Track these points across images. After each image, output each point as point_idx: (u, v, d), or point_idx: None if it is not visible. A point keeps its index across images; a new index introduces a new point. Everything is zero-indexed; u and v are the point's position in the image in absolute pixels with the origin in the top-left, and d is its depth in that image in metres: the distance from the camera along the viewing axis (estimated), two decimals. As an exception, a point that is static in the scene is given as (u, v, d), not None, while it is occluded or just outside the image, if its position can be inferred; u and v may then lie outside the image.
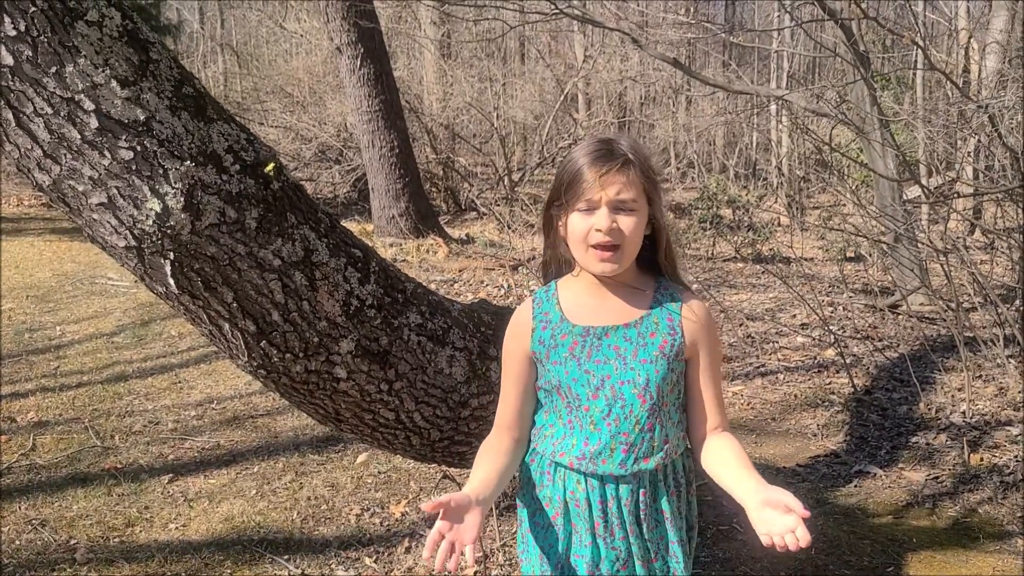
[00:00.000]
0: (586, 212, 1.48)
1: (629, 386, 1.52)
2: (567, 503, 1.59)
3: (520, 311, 1.64)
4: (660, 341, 1.53)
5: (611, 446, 1.53)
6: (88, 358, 5.31)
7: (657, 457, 1.55)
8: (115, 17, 1.70)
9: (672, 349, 1.53)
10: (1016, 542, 2.98)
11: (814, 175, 11.23)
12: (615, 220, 1.47)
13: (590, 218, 1.48)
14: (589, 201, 1.47)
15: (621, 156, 1.49)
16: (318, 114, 12.88)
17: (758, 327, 5.84)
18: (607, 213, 1.47)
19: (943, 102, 7.64)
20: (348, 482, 3.60)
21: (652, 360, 1.52)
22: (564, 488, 1.59)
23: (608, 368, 1.53)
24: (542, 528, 1.63)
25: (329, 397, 2.13)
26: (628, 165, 1.48)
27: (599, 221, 1.46)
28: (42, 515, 3.30)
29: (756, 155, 14.53)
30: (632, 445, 1.53)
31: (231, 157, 1.83)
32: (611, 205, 1.47)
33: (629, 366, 1.52)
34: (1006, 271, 5.58)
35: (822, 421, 4.20)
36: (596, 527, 1.57)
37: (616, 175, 1.47)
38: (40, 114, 1.66)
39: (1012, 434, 3.73)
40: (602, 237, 1.47)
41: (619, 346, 1.53)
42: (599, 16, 7.23)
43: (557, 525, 1.61)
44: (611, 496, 1.56)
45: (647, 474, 1.56)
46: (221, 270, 1.84)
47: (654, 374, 1.51)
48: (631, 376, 1.52)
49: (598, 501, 1.56)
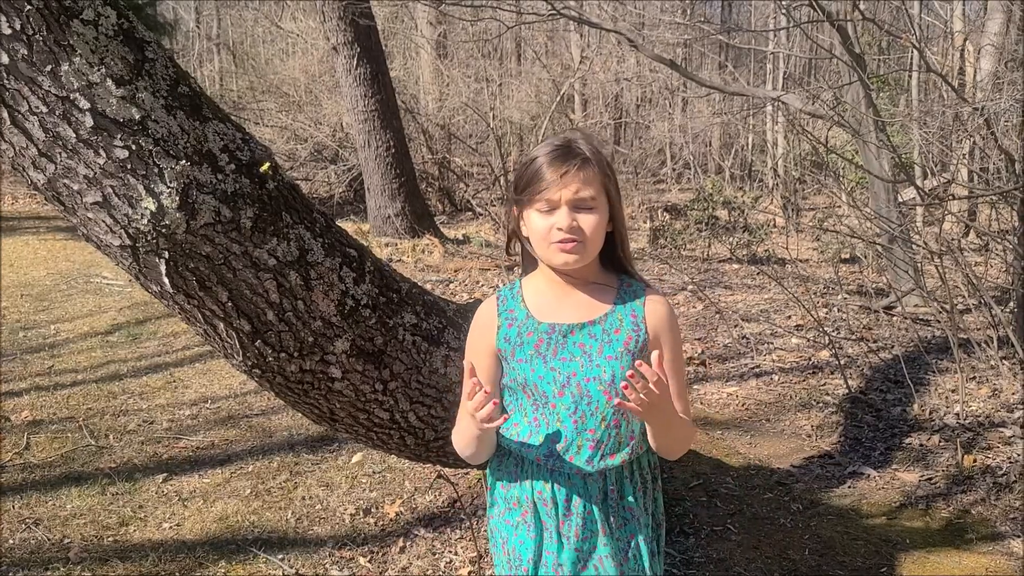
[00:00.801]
0: (547, 212, 1.50)
1: (595, 383, 1.53)
2: (535, 503, 1.60)
3: (484, 308, 1.65)
4: (625, 337, 1.54)
5: (577, 443, 1.55)
6: (83, 357, 5.30)
7: (623, 453, 1.57)
8: (111, 16, 1.70)
9: (636, 344, 1.54)
10: (1009, 543, 2.99)
11: (810, 177, 11.25)
12: (575, 218, 1.49)
13: (550, 217, 1.50)
14: (549, 201, 1.49)
15: (579, 155, 1.50)
16: (314, 114, 12.87)
17: (753, 328, 5.85)
18: (567, 212, 1.49)
19: (939, 104, 7.66)
20: (343, 482, 3.60)
21: (617, 356, 1.53)
22: (532, 488, 1.60)
23: (574, 365, 1.54)
24: (512, 527, 1.64)
25: (324, 397, 2.13)
26: (586, 163, 1.50)
27: (560, 220, 1.49)
28: (36, 514, 3.29)
29: (752, 156, 14.55)
30: (599, 442, 1.55)
31: (226, 156, 1.83)
32: (571, 204, 1.49)
33: (595, 363, 1.54)
34: (1000, 273, 5.60)
35: (816, 422, 4.21)
36: (560, 526, 1.58)
37: (575, 174, 1.49)
38: (35, 112, 1.66)
39: (1005, 435, 3.74)
40: (563, 235, 1.49)
41: (584, 343, 1.55)
42: (596, 17, 7.24)
43: (527, 523, 1.62)
44: (577, 495, 1.57)
45: (613, 471, 1.57)
46: (216, 269, 1.84)
47: (620, 370, 1.52)
48: (597, 373, 1.53)
49: (564, 499, 1.57)
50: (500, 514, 1.67)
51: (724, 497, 3.39)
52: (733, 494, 3.43)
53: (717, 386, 4.84)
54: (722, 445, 4.00)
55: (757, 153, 14.51)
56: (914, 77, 9.32)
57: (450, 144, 12.80)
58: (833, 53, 6.16)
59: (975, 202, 6.42)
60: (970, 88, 7.68)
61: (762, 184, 13.19)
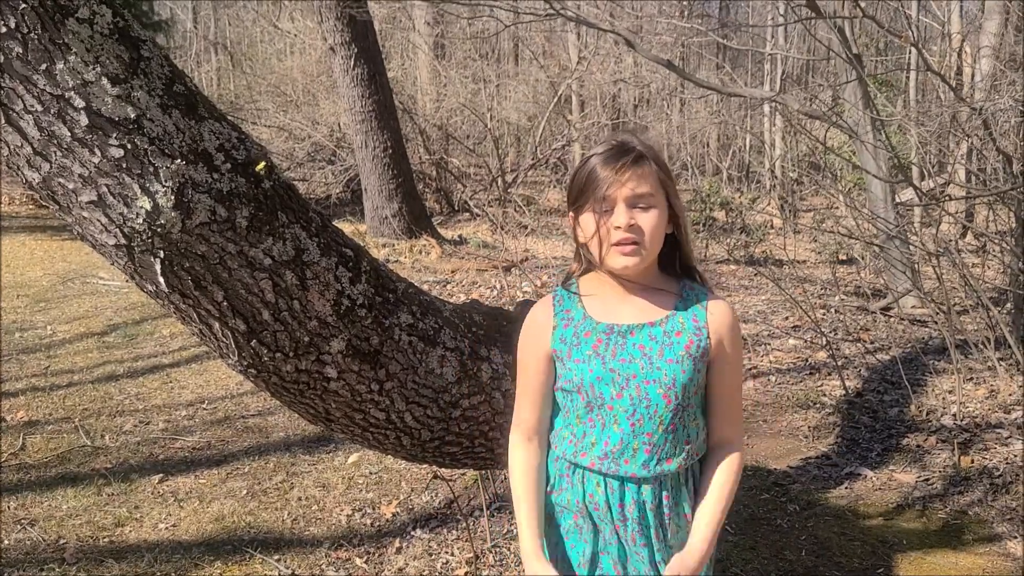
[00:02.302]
0: (603, 212, 1.45)
1: (655, 386, 1.48)
2: (587, 506, 1.56)
3: (538, 310, 1.61)
4: (686, 341, 1.50)
5: (634, 446, 1.50)
6: (79, 357, 5.29)
7: (679, 458, 1.52)
8: (106, 14, 1.69)
9: (698, 349, 1.50)
10: (1006, 544, 2.99)
11: (807, 177, 11.26)
12: (633, 217, 1.44)
13: (607, 217, 1.45)
14: (605, 199, 1.44)
15: (634, 151, 1.46)
16: (311, 114, 12.86)
17: (750, 329, 5.85)
18: (625, 210, 1.44)
19: (936, 105, 7.67)
20: (339, 482, 3.59)
21: (678, 360, 1.49)
22: (583, 491, 1.56)
23: (634, 367, 1.49)
24: (564, 531, 1.61)
25: (319, 397, 2.12)
26: (642, 159, 1.46)
27: (617, 218, 1.44)
28: (31, 514, 3.28)
29: (749, 157, 14.55)
30: (655, 446, 1.50)
31: (222, 155, 1.82)
32: (628, 201, 1.44)
33: (655, 365, 1.49)
34: (997, 274, 5.61)
35: (813, 423, 4.21)
36: (618, 529, 1.54)
37: (630, 170, 1.44)
38: (30, 111, 1.65)
39: (1002, 436, 3.74)
40: (622, 234, 1.44)
41: (644, 345, 1.50)
42: (593, 17, 7.24)
43: (579, 527, 1.58)
44: (631, 500, 1.52)
45: (669, 476, 1.53)
46: (211, 269, 1.83)
47: (680, 374, 1.48)
48: (658, 376, 1.48)
49: (618, 504, 1.53)
50: (551, 519, 1.62)
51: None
52: (730, 495, 3.42)
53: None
54: (719, 446, 3.99)
55: (755, 154, 14.52)
56: (911, 77, 9.34)
57: (447, 145, 12.79)
58: (831, 50, 6.16)
59: (973, 203, 6.43)
60: (968, 89, 7.68)
61: (759, 185, 13.20)
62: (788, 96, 7.21)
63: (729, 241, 8.93)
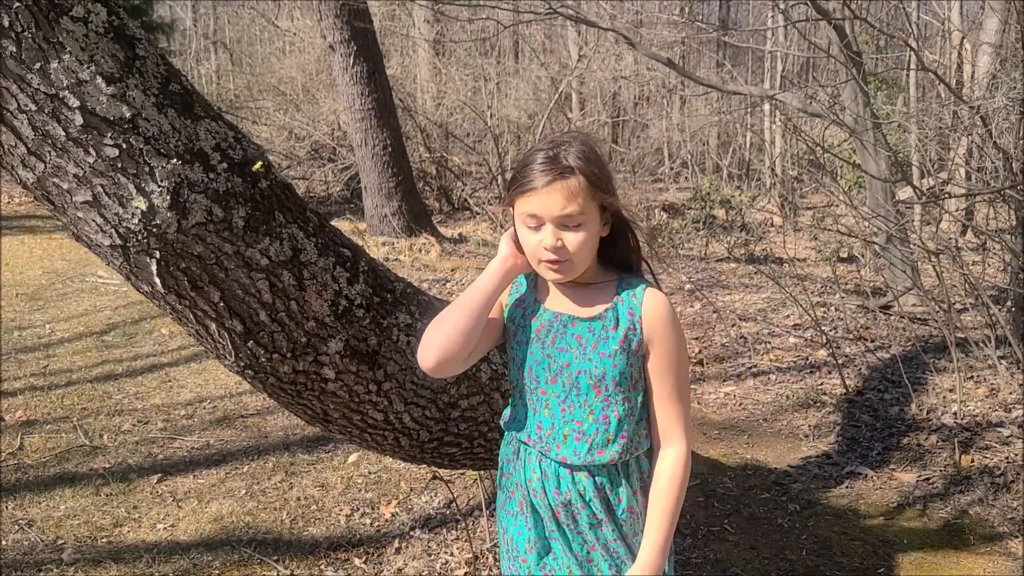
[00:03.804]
0: (534, 228, 1.50)
1: (585, 376, 1.54)
2: (527, 490, 1.61)
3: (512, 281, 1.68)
4: (620, 336, 1.54)
5: (564, 432, 1.55)
6: (78, 357, 5.28)
7: (612, 451, 1.54)
8: (101, 13, 1.68)
9: (630, 344, 1.54)
10: (1007, 543, 2.98)
11: (807, 176, 11.25)
12: (560, 238, 1.48)
13: (537, 234, 1.50)
14: (535, 217, 1.49)
15: (564, 168, 1.47)
16: (311, 112, 12.84)
17: (750, 327, 5.84)
18: (552, 231, 1.48)
19: (936, 103, 7.66)
20: (338, 482, 3.58)
21: (611, 355, 1.53)
22: (524, 475, 1.62)
23: (568, 356, 1.55)
24: (512, 516, 1.66)
25: (317, 398, 2.11)
26: (570, 177, 1.47)
27: (545, 239, 1.49)
28: (29, 515, 3.27)
29: (749, 155, 14.53)
30: (585, 434, 1.54)
31: (218, 155, 1.81)
32: (556, 222, 1.48)
33: (587, 357, 1.54)
34: (998, 272, 5.59)
35: (814, 422, 4.20)
36: (557, 514, 1.58)
37: (559, 186, 1.46)
38: (24, 111, 1.64)
39: (1003, 435, 3.73)
40: (549, 255, 1.49)
41: (581, 336, 1.56)
42: (594, 16, 7.23)
43: (524, 514, 1.63)
44: (567, 488, 1.56)
45: (603, 468, 1.56)
46: (208, 269, 1.82)
47: (611, 368, 1.53)
48: (588, 367, 1.54)
49: (554, 490, 1.57)
50: (501, 504, 1.70)
51: (721, 497, 3.38)
52: (730, 494, 3.42)
53: (714, 386, 4.83)
54: (719, 445, 3.99)
55: (755, 152, 14.50)
56: (911, 76, 9.32)
57: (447, 143, 12.77)
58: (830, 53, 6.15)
59: (972, 201, 6.41)
60: (967, 87, 7.66)
61: (760, 183, 13.19)
62: (788, 94, 7.19)
63: (729, 239, 8.92)
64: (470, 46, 13.10)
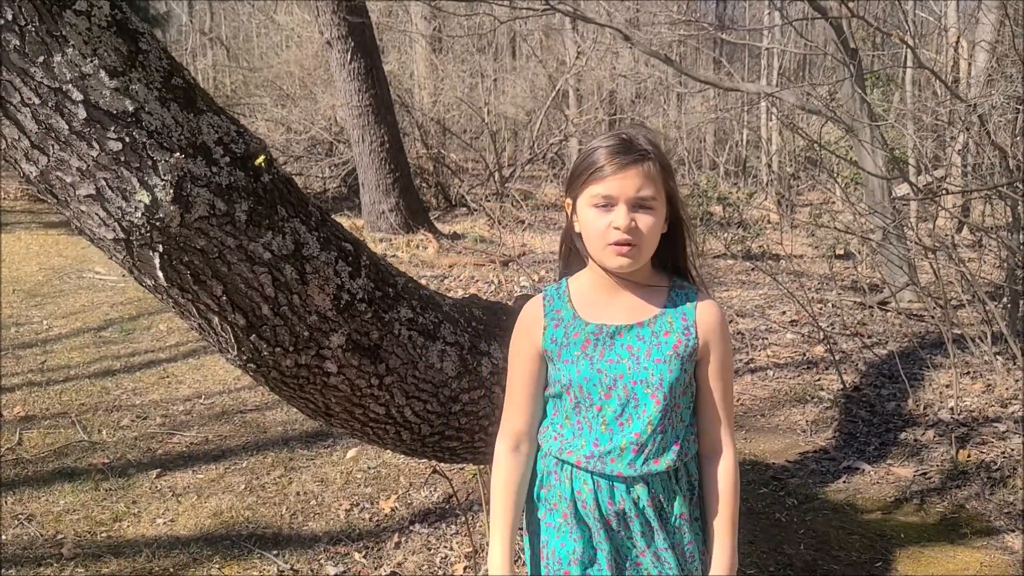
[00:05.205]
0: (604, 208, 1.45)
1: (642, 386, 1.49)
2: (575, 502, 1.55)
3: (529, 309, 1.61)
4: (674, 340, 1.50)
5: (621, 445, 1.49)
6: (75, 353, 5.28)
7: (667, 459, 1.51)
8: (104, 6, 1.68)
9: (686, 349, 1.50)
10: (1003, 537, 3.00)
11: (804, 172, 11.26)
12: (634, 219, 1.44)
13: (608, 215, 1.45)
14: (608, 197, 1.44)
15: (642, 150, 1.45)
16: (308, 108, 12.82)
17: (748, 324, 5.85)
18: (626, 211, 1.44)
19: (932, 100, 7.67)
20: (337, 477, 3.59)
21: (666, 360, 1.49)
22: (571, 488, 1.55)
23: (621, 367, 1.49)
24: (554, 529, 1.59)
25: (319, 391, 2.11)
26: (649, 160, 1.45)
27: (618, 219, 1.44)
28: (29, 510, 3.27)
29: (746, 152, 14.55)
30: (643, 446, 1.49)
31: (221, 149, 1.81)
32: (630, 203, 1.44)
33: (642, 365, 1.49)
34: (994, 268, 5.61)
35: (811, 417, 4.22)
36: (609, 523, 1.53)
37: (635, 169, 1.44)
38: (27, 104, 1.64)
39: (999, 430, 3.75)
40: (620, 235, 1.44)
41: (632, 345, 1.50)
42: (591, 13, 7.23)
43: (570, 525, 1.57)
44: (620, 497, 1.51)
45: (657, 477, 1.52)
46: (211, 263, 1.82)
47: (667, 374, 1.48)
48: (644, 376, 1.49)
49: (607, 501, 1.52)
50: (541, 517, 1.62)
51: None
52: (728, 489, 3.43)
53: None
54: (717, 440, 4.00)
55: (752, 149, 14.51)
56: (908, 73, 9.33)
57: (445, 139, 12.76)
58: (826, 51, 6.16)
59: (969, 198, 6.43)
60: (964, 84, 7.68)
61: (756, 180, 13.19)
62: (785, 91, 7.20)
63: (726, 236, 8.92)
64: (467, 43, 13.09)
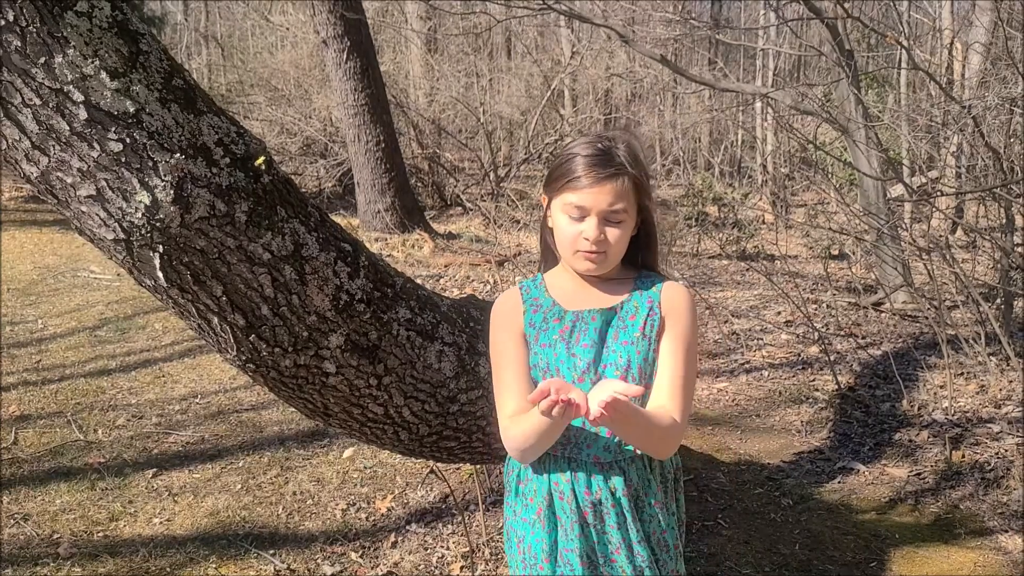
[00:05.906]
0: (576, 219, 1.51)
1: (611, 368, 1.53)
2: (551, 495, 1.58)
3: (506, 299, 1.65)
4: (640, 323, 1.55)
5: (595, 429, 1.54)
6: (71, 352, 5.27)
7: None
8: (105, 8, 1.69)
9: (652, 329, 1.55)
10: (997, 538, 3.02)
11: (799, 173, 11.29)
12: (603, 231, 1.50)
13: (579, 224, 1.51)
14: (581, 208, 1.50)
15: (617, 164, 1.50)
16: (304, 108, 12.81)
17: (743, 324, 5.87)
18: (596, 224, 1.50)
19: (927, 102, 7.70)
20: (334, 477, 3.59)
21: (633, 342, 1.54)
22: (548, 479, 1.58)
23: (592, 352, 1.54)
24: (528, 525, 1.62)
25: (318, 392, 2.12)
26: (623, 175, 1.50)
27: (588, 230, 1.50)
28: (25, 509, 3.27)
29: (741, 153, 14.58)
30: None
31: (221, 150, 1.82)
32: (602, 215, 1.50)
33: (611, 348, 1.54)
34: (988, 270, 5.64)
35: (806, 418, 4.23)
36: (584, 515, 1.56)
37: (610, 185, 1.49)
38: (28, 105, 1.64)
39: (993, 431, 3.77)
40: (589, 246, 1.50)
41: (602, 330, 1.56)
42: (587, 12, 7.24)
43: (541, 520, 1.60)
44: (598, 486, 1.54)
45: (633, 465, 1.56)
46: (210, 263, 1.83)
47: (635, 355, 1.53)
48: (613, 359, 1.54)
49: (584, 491, 1.55)
50: (516, 513, 1.65)
51: (715, 492, 3.41)
52: (724, 489, 3.44)
53: (707, 382, 4.86)
54: (713, 440, 4.02)
55: (746, 149, 14.55)
56: (902, 75, 9.37)
57: (440, 139, 12.76)
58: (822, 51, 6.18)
59: (963, 199, 6.46)
60: (958, 86, 7.71)
61: (751, 180, 13.22)
62: (780, 92, 7.22)
63: (721, 236, 8.94)
64: (463, 42, 13.10)
